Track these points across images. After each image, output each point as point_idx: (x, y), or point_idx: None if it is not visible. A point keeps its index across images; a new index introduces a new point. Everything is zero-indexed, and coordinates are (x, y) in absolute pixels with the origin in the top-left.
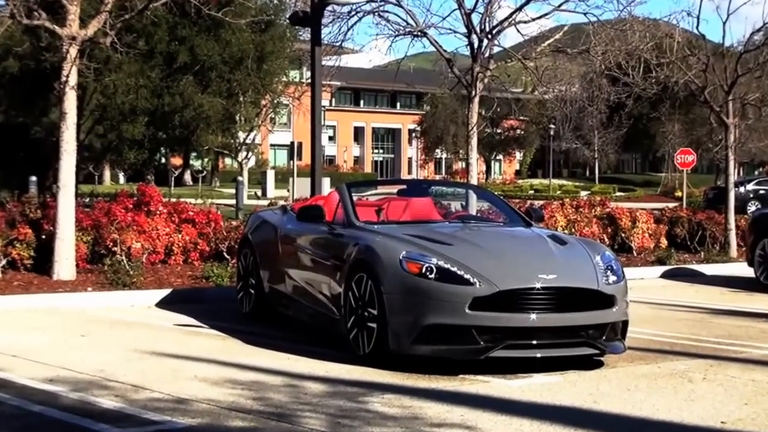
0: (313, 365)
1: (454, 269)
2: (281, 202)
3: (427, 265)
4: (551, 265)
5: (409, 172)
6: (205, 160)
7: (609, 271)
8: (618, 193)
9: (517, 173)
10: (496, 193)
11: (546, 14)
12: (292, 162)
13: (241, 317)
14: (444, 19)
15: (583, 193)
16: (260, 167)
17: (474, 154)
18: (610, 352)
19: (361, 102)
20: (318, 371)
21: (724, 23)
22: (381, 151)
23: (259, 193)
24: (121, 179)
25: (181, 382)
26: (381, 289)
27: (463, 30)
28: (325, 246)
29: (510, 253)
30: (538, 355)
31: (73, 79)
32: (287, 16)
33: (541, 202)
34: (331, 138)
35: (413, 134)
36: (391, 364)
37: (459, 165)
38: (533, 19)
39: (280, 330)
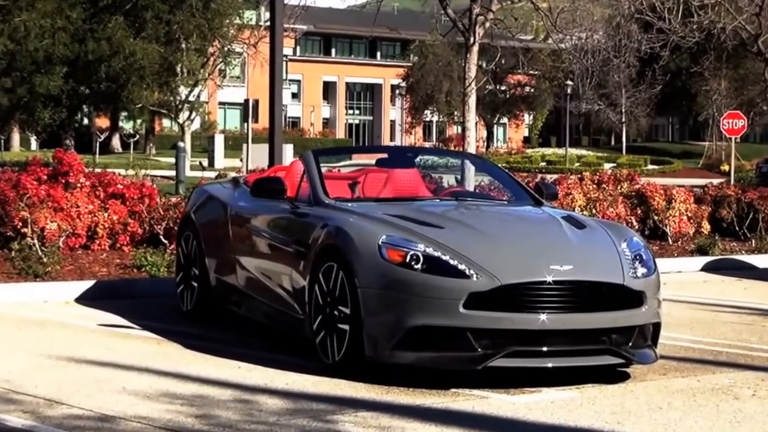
0: (270, 376)
1: (446, 258)
2: (232, 174)
3: (412, 252)
4: (566, 254)
5: (392, 139)
6: (138, 121)
7: (637, 262)
8: (650, 167)
9: (526, 141)
10: (499, 164)
11: None
12: (246, 125)
13: (182, 316)
14: None
15: (607, 166)
16: (207, 131)
17: (472, 117)
18: (638, 362)
19: (333, 51)
20: (276, 383)
21: None
22: (357, 112)
23: (205, 162)
24: (33, 144)
25: (106, 395)
26: (355, 282)
27: None
28: (287, 228)
29: (515, 238)
30: (550, 365)
31: None
32: None
33: (555, 177)
34: (294, 95)
35: (397, 91)
36: (367, 375)
37: (453, 130)
38: None
39: (230, 332)
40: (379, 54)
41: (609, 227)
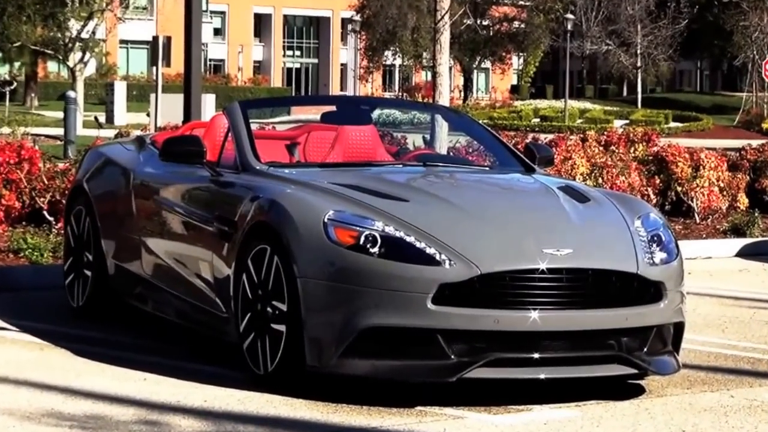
0: (184, 390)
1: (411, 239)
2: (137, 133)
3: (367, 232)
4: (564, 235)
5: (343, 88)
6: (16, 64)
7: (655, 245)
8: (672, 124)
9: (514, 91)
10: (479, 120)
11: None
12: (154, 69)
13: (72, 314)
14: None
15: (618, 123)
16: (104, 77)
17: (445, 60)
18: (655, 372)
19: None
20: (192, 400)
21: None
22: (297, 53)
23: (102, 118)
24: None
25: None
26: (294, 271)
27: None
28: (206, 201)
29: (499, 214)
30: (542, 377)
31: None
32: None
33: (551, 137)
34: (218, 32)
35: (349, 27)
36: (309, 389)
37: (422, 77)
38: None
39: (133, 335)
40: None
41: (619, 201)
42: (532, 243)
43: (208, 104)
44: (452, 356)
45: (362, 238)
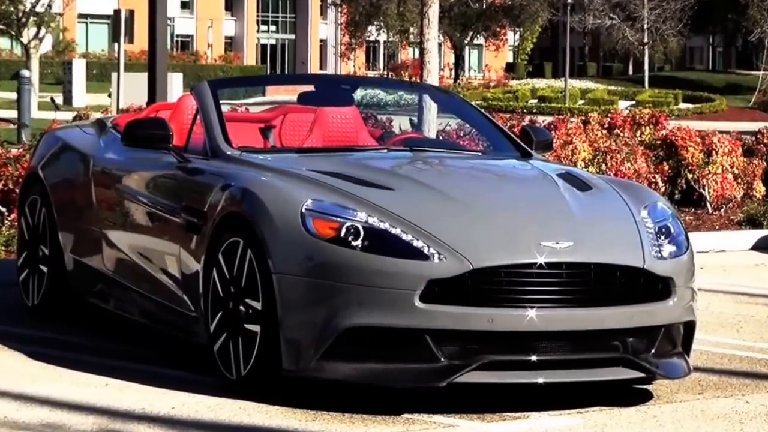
0: (149, 397)
1: (396, 231)
2: (97, 115)
3: (349, 223)
4: (563, 226)
5: (322, 66)
6: None
7: (663, 237)
8: (682, 105)
9: (510, 69)
10: (471, 102)
11: None
12: (116, 46)
13: (26, 313)
14: None
15: (623, 104)
16: (62, 54)
17: (434, 35)
18: (664, 376)
19: None
20: (158, 407)
21: None
22: (273, 28)
23: (60, 99)
24: None
25: None
26: (269, 266)
27: None
28: (173, 190)
29: (492, 203)
30: (541, 381)
31: None
32: None
33: (550, 119)
34: (185, 5)
35: (329, 0)
36: (286, 396)
37: (408, 54)
38: None
39: (94, 336)
40: None
41: (624, 189)
42: (529, 235)
43: (174, 84)
44: (442, 359)
45: (343, 230)
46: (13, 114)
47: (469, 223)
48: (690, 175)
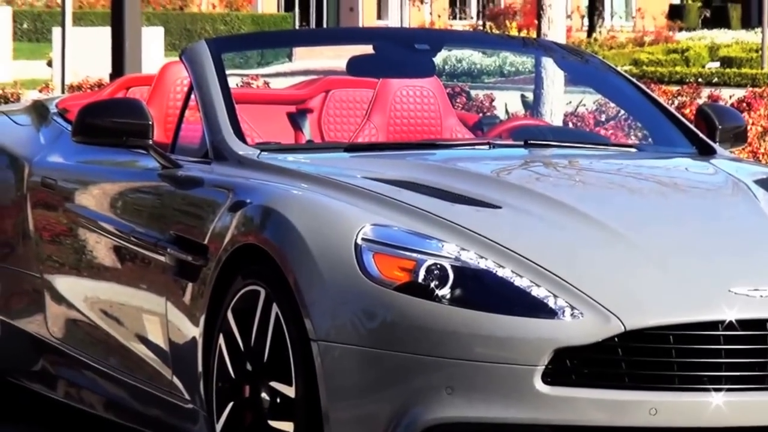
0: None
1: (504, 273)
2: (32, 95)
3: (431, 262)
4: (766, 263)
5: (381, 15)
6: None
7: None
8: None
9: (675, 15)
10: (617, 67)
11: None
12: None
13: None
14: None
15: None
16: None
17: None
18: None
19: None
20: None
21: None
22: None
23: None
24: None
25: None
26: (306, 329)
27: None
28: (155, 212)
29: (655, 229)
30: None
31: None
32: None
33: (740, 93)
34: None
35: None
36: None
37: None
38: None
39: None
40: None
41: None
42: (712, 278)
43: (152, 44)
44: None
45: (422, 272)
46: None
47: (617, 260)
48: None
